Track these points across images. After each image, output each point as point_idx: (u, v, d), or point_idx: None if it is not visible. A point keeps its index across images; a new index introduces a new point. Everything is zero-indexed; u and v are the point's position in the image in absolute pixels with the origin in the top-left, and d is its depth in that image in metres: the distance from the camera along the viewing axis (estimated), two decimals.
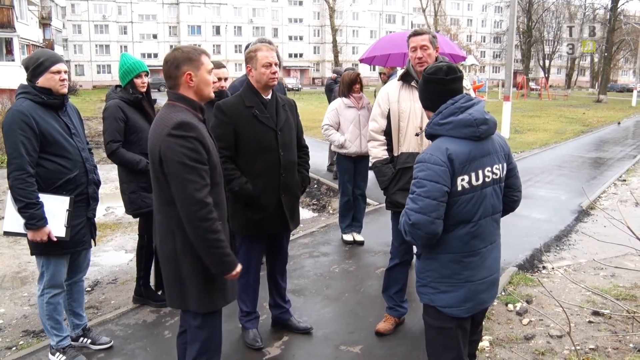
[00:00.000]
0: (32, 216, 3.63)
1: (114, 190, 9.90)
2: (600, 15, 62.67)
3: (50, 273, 3.89)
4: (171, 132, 2.79)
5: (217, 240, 2.84)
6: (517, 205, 3.07)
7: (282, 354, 4.22)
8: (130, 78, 4.66)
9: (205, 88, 2.99)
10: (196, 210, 2.77)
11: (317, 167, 12.27)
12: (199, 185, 2.79)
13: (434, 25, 62.36)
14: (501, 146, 2.90)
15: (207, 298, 3.01)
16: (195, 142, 2.81)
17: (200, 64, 2.95)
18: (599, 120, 26.77)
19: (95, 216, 4.14)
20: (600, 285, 5.66)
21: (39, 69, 3.75)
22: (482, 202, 2.78)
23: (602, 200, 9.81)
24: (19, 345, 4.54)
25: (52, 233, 3.74)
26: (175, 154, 2.78)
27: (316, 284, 5.62)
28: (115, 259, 6.84)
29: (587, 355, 4.19)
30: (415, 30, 4.21)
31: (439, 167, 2.65)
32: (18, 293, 5.74)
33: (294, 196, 4.22)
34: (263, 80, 3.94)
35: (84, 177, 3.92)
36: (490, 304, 2.99)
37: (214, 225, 2.82)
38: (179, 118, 2.83)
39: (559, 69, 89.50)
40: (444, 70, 2.80)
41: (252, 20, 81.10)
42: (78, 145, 3.91)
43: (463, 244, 2.77)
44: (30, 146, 3.63)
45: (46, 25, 48.76)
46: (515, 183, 3.01)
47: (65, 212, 3.79)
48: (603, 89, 47.10)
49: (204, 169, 2.84)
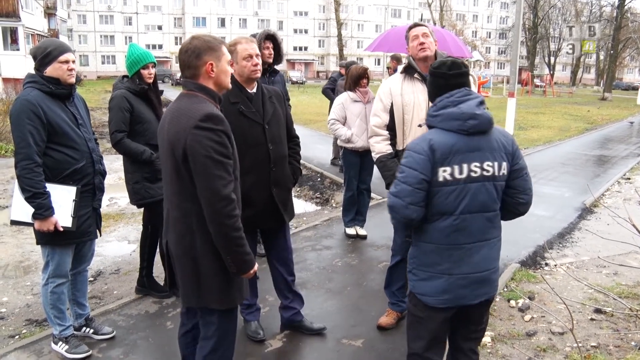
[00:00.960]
0: (39, 206, 3.63)
1: (118, 180, 9.91)
2: (607, 12, 62.33)
3: (56, 263, 3.90)
4: (199, 125, 2.69)
5: (241, 238, 2.78)
6: (525, 209, 3.00)
7: (284, 347, 4.23)
8: (137, 69, 4.65)
9: (225, 79, 2.93)
10: (223, 207, 2.69)
11: (320, 161, 12.29)
12: (225, 181, 2.72)
13: (440, 20, 62.16)
14: (503, 145, 2.86)
15: (227, 296, 2.95)
16: (223, 136, 2.74)
17: (222, 54, 2.89)
18: (603, 118, 26.70)
19: (100, 206, 4.15)
20: (602, 283, 5.66)
21: (47, 58, 3.74)
22: (466, 196, 2.78)
23: (606, 198, 9.79)
24: (22, 334, 4.56)
25: (58, 223, 3.74)
26: (203, 148, 2.67)
27: (319, 278, 5.63)
28: (118, 250, 6.85)
29: (588, 352, 4.19)
30: (415, 23, 4.29)
31: (419, 155, 2.76)
32: (21, 282, 5.75)
33: (286, 189, 4.14)
34: (245, 74, 3.86)
35: (90, 167, 3.93)
36: (473, 302, 2.89)
37: (238, 223, 2.76)
38: (206, 110, 2.74)
39: (564, 66, 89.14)
40: (447, 65, 2.86)
41: (257, 13, 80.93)
42: (85, 135, 3.91)
43: (444, 235, 2.83)
44: (38, 136, 3.63)
45: (51, 15, 48.69)
46: (521, 185, 2.93)
47: (72, 202, 3.80)
48: (608, 87, 47.00)
49: (230, 163, 2.77)
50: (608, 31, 54.26)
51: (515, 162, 2.91)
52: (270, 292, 4.80)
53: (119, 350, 4.14)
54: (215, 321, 3.04)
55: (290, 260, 4.34)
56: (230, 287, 2.95)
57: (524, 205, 2.98)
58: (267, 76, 5.54)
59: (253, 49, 3.86)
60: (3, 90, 23.26)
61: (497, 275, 3.00)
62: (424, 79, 4.13)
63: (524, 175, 2.95)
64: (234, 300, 3.01)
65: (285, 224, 4.23)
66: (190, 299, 3.00)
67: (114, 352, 4.11)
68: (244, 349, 4.16)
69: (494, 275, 2.95)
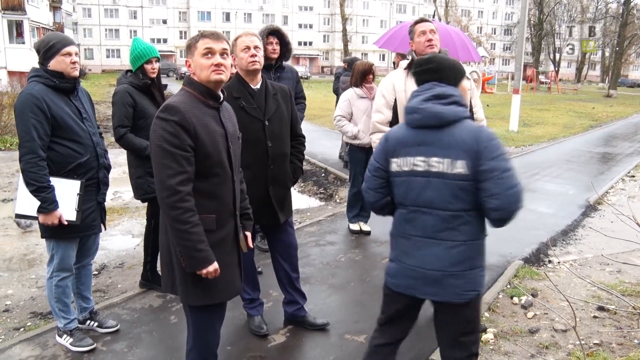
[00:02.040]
0: (43, 199, 3.65)
1: (122, 174, 9.94)
2: (612, 9, 62.09)
3: (60, 256, 3.92)
4: (158, 114, 2.77)
5: (186, 232, 2.72)
6: (496, 216, 2.69)
7: (287, 341, 4.24)
8: (141, 63, 4.66)
9: (201, 72, 2.88)
10: (166, 197, 2.70)
11: (325, 157, 12.29)
12: (173, 171, 2.70)
13: (445, 16, 62.02)
14: (464, 142, 2.68)
15: (190, 290, 2.89)
16: (177, 127, 2.73)
17: (195, 49, 2.89)
18: (608, 115, 26.63)
19: (105, 200, 4.16)
20: (606, 281, 5.66)
21: (49, 51, 3.75)
22: (413, 189, 2.80)
23: (610, 196, 9.78)
24: (26, 327, 4.58)
25: (63, 217, 3.76)
26: (156, 137, 2.74)
27: (322, 273, 5.64)
28: (122, 244, 6.87)
29: (591, 350, 4.19)
30: (421, 18, 4.28)
31: (379, 145, 2.97)
32: (26, 275, 5.78)
33: (284, 187, 4.12)
34: (243, 65, 3.85)
35: (94, 161, 3.93)
36: (423, 297, 2.89)
37: (184, 216, 2.71)
38: (170, 101, 2.81)
39: (569, 63, 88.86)
40: (417, 62, 2.93)
41: (262, 7, 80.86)
42: (89, 129, 3.92)
43: (398, 223, 2.93)
44: (42, 130, 3.64)
45: (56, 9, 48.72)
46: (489, 188, 2.64)
47: (76, 196, 3.81)
48: (613, 84, 46.83)
49: (183, 155, 2.73)
50: (614, 28, 54.08)
51: (482, 162, 2.65)
52: (273, 287, 4.82)
53: (123, 343, 4.16)
54: (188, 316, 3.05)
55: (294, 256, 4.32)
56: (194, 283, 2.87)
57: (494, 212, 2.67)
58: (272, 72, 5.53)
59: (251, 41, 3.85)
60: (8, 83, 23.28)
61: (459, 281, 2.77)
62: None
63: (494, 177, 2.63)
64: (201, 297, 2.92)
65: (286, 222, 4.20)
66: (167, 286, 3.03)
67: (118, 345, 4.13)
68: (247, 344, 4.17)
69: (450, 279, 2.77)
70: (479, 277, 2.83)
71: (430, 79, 2.85)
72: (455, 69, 2.88)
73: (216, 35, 2.92)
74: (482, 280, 2.86)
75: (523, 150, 14.58)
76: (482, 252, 2.86)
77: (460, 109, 2.77)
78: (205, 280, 2.86)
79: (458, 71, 2.89)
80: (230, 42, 3.29)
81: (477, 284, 2.83)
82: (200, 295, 2.92)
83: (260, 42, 3.93)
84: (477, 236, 2.81)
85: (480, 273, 2.84)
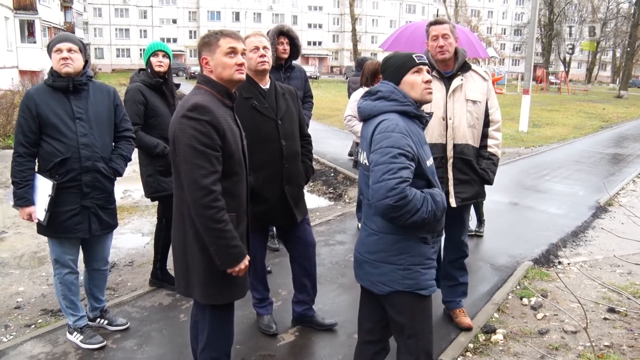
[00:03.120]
0: (14, 194, 3.82)
1: (132, 173, 9.96)
2: (624, 9, 61.73)
3: (55, 253, 3.99)
4: (185, 114, 2.76)
5: (221, 231, 2.76)
6: (377, 211, 2.74)
7: (296, 340, 4.25)
8: (147, 57, 4.73)
9: (223, 71, 2.90)
10: (201, 197, 2.71)
11: (334, 156, 12.28)
12: (206, 171, 2.72)
13: (455, 16, 61.88)
14: (367, 134, 2.88)
15: (211, 290, 2.93)
16: (208, 126, 2.75)
17: (216, 47, 2.88)
18: (619, 116, 26.47)
19: (101, 206, 3.97)
20: (616, 282, 5.62)
21: (49, 51, 3.87)
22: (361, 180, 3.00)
23: (621, 197, 9.72)
24: (37, 324, 4.61)
25: (34, 214, 3.84)
26: (185, 137, 2.73)
27: (331, 272, 5.64)
28: (132, 242, 6.91)
29: (601, 352, 4.17)
30: (436, 19, 4.21)
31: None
32: (37, 272, 5.82)
33: (298, 186, 4.13)
34: (252, 65, 3.85)
35: (76, 162, 3.81)
36: (360, 282, 3.06)
37: (219, 215, 2.74)
38: (195, 100, 2.80)
39: (579, 63, 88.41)
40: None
41: (271, 7, 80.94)
42: (79, 130, 3.82)
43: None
44: (27, 127, 3.75)
45: (67, 8, 48.98)
46: (370, 180, 2.76)
47: (47, 196, 3.79)
48: (624, 85, 46.54)
49: (214, 155, 2.76)
50: (625, 28, 53.72)
51: (370, 154, 2.81)
52: (282, 286, 4.83)
53: (132, 341, 4.18)
54: (205, 315, 3.05)
55: (313, 254, 4.29)
56: (216, 281, 2.91)
57: (375, 208, 2.73)
58: (282, 72, 5.54)
59: (260, 41, 3.88)
60: (20, 82, 23.43)
61: (374, 270, 2.89)
62: (441, 77, 4.12)
63: (372, 170, 2.74)
64: (219, 295, 2.96)
65: (303, 220, 4.20)
66: (180, 287, 3.05)
67: (127, 343, 4.15)
68: (257, 343, 4.18)
69: (366, 266, 2.93)
70: (395, 275, 2.83)
71: (382, 77, 3.00)
72: (395, 66, 2.91)
73: (237, 35, 2.96)
74: (399, 279, 2.83)
75: (533, 151, 14.52)
76: (397, 249, 2.83)
77: (380, 104, 2.85)
78: (228, 278, 2.91)
79: (399, 68, 2.90)
80: None
81: (393, 282, 2.84)
82: (220, 293, 2.96)
83: (268, 43, 3.95)
84: (387, 229, 2.83)
85: (397, 271, 2.83)
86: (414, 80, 2.85)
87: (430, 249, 2.88)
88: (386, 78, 2.94)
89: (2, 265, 5.96)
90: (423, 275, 2.85)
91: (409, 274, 2.82)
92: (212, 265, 2.87)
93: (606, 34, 65.33)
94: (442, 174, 4.11)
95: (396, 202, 2.59)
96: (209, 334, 3.06)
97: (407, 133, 2.73)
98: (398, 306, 2.89)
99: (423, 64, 2.89)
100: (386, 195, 2.60)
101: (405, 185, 2.61)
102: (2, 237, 7.03)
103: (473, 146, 4.17)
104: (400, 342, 2.99)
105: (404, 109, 2.82)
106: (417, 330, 2.90)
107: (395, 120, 2.75)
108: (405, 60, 2.89)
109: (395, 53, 3.01)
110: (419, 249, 2.83)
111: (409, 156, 2.68)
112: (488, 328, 4.49)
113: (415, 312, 2.89)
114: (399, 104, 2.82)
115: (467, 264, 4.61)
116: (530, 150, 14.76)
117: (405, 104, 2.82)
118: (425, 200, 2.68)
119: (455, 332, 4.39)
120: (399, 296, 2.85)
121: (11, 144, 13.35)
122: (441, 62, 4.11)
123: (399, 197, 2.59)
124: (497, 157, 4.28)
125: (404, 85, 2.87)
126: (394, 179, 2.60)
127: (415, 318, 2.90)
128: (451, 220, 4.43)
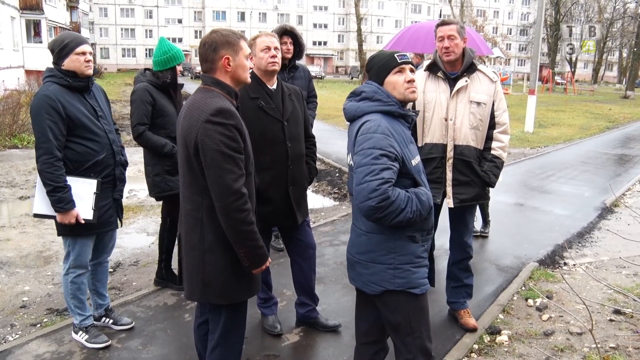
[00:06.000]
0: (59, 199, 3.69)
1: (137, 173, 10.00)
2: (631, 9, 61.47)
3: (76, 253, 3.96)
4: (210, 119, 2.70)
5: (252, 232, 2.79)
6: (362, 214, 2.73)
7: (301, 340, 4.25)
8: (172, 66, 4.71)
9: (243, 73, 2.92)
10: (233, 201, 2.70)
11: (339, 156, 12.28)
12: (235, 175, 2.71)
13: (460, 16, 61.73)
14: (352, 135, 2.88)
15: (232, 291, 2.94)
16: (234, 131, 2.74)
17: (240, 49, 2.88)
18: (625, 117, 26.37)
19: (122, 197, 4.20)
20: (622, 284, 5.61)
21: (63, 51, 3.79)
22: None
23: (627, 198, 9.68)
24: (43, 323, 4.62)
25: (79, 215, 3.80)
26: (214, 142, 2.69)
27: (336, 273, 5.64)
28: (137, 241, 6.91)
29: (607, 354, 4.15)
30: (443, 20, 4.18)
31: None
32: (42, 272, 5.83)
33: (302, 188, 4.12)
34: (262, 66, 3.84)
35: (111, 158, 3.97)
36: (354, 284, 3.04)
37: (249, 217, 2.76)
38: (218, 104, 2.75)
39: (585, 64, 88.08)
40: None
41: (277, 7, 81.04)
42: (105, 127, 3.95)
43: None
44: (58, 130, 3.68)
45: (73, 8, 49.13)
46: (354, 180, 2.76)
47: (93, 194, 3.84)
48: (631, 85, 46.36)
49: (241, 158, 2.76)
50: (632, 28, 53.50)
51: (353, 155, 2.83)
52: (287, 286, 4.83)
53: (137, 341, 4.19)
54: (221, 317, 3.04)
55: (312, 256, 4.28)
56: (236, 282, 2.93)
57: (359, 209, 2.73)
58: (286, 72, 5.54)
59: (272, 42, 3.87)
60: (26, 82, 23.52)
61: (365, 271, 2.89)
62: (447, 78, 4.11)
63: (355, 171, 2.75)
64: (240, 295, 2.99)
65: (304, 222, 4.19)
66: (193, 294, 3.00)
67: (132, 342, 4.16)
68: (261, 343, 4.19)
69: (357, 266, 2.94)
70: (386, 275, 2.83)
71: (367, 77, 2.98)
72: (377, 66, 2.91)
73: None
74: (390, 278, 2.83)
75: (538, 152, 14.49)
76: (386, 248, 2.83)
77: (363, 104, 2.85)
78: (245, 279, 2.94)
79: (381, 68, 2.89)
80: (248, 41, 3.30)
81: (384, 281, 2.84)
82: (239, 292, 2.98)
83: (279, 44, 3.95)
84: (375, 229, 2.83)
85: (387, 270, 2.83)
86: (396, 80, 2.84)
87: (420, 247, 2.87)
88: (371, 78, 2.94)
89: (7, 265, 5.97)
90: (414, 274, 2.85)
91: (399, 273, 2.83)
92: (233, 266, 2.88)
93: (612, 34, 65.12)
94: (441, 174, 4.12)
95: (378, 203, 2.60)
96: (222, 334, 3.06)
97: (390, 133, 2.72)
98: (391, 306, 2.90)
99: (405, 63, 2.87)
100: (368, 196, 2.61)
101: (388, 186, 2.61)
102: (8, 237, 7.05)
103: (475, 148, 4.16)
104: (397, 342, 2.99)
105: (387, 109, 2.81)
106: (413, 329, 2.90)
107: (377, 121, 2.75)
108: (387, 61, 2.88)
109: (379, 52, 3.01)
110: (408, 247, 2.83)
111: (392, 157, 2.67)
112: (493, 329, 4.48)
113: (409, 310, 2.89)
114: (383, 104, 2.82)
115: (472, 264, 4.59)
116: (536, 150, 14.73)
117: (388, 104, 2.82)
118: (410, 200, 2.68)
119: (460, 333, 4.38)
120: (392, 296, 2.86)
121: (17, 144, 13.42)
122: (448, 63, 4.10)
123: (380, 198, 2.59)
124: (500, 159, 4.23)
125: (387, 85, 2.87)
126: (375, 180, 2.60)
127: (409, 317, 2.90)
128: (454, 222, 4.44)
